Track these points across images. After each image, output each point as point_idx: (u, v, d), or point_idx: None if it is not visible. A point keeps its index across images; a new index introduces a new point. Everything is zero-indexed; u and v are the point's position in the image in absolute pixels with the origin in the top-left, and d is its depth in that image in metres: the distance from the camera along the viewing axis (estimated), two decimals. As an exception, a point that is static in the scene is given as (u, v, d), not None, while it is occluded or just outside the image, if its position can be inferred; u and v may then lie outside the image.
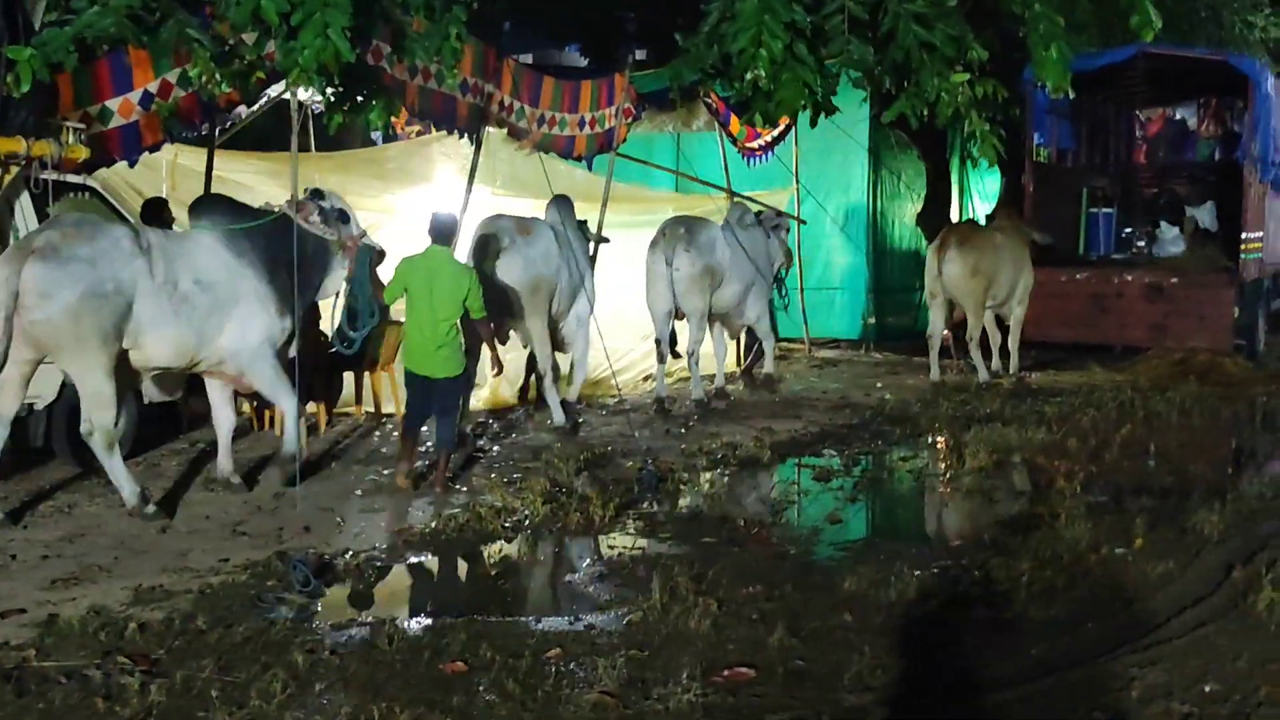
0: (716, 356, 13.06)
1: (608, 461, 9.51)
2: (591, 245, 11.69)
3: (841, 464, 9.67)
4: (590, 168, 13.06)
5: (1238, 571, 6.39)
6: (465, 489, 8.58)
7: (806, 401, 12.66)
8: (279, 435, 9.81)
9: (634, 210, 13.85)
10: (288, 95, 9.41)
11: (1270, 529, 7.49)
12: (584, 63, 24.67)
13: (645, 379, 13.70)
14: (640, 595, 6.10)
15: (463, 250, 9.92)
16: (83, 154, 8.68)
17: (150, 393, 8.81)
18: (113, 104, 9.31)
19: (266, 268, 8.27)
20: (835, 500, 8.52)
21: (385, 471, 9.01)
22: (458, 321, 8.47)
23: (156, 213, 10.34)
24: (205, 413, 10.34)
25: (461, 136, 11.17)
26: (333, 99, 8.32)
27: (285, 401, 8.47)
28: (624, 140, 12.96)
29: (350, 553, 6.93)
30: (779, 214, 13.87)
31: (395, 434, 9.94)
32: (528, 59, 27.14)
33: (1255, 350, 15.26)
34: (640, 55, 16.16)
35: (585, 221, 11.69)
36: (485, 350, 10.11)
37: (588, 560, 6.99)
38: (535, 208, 11.61)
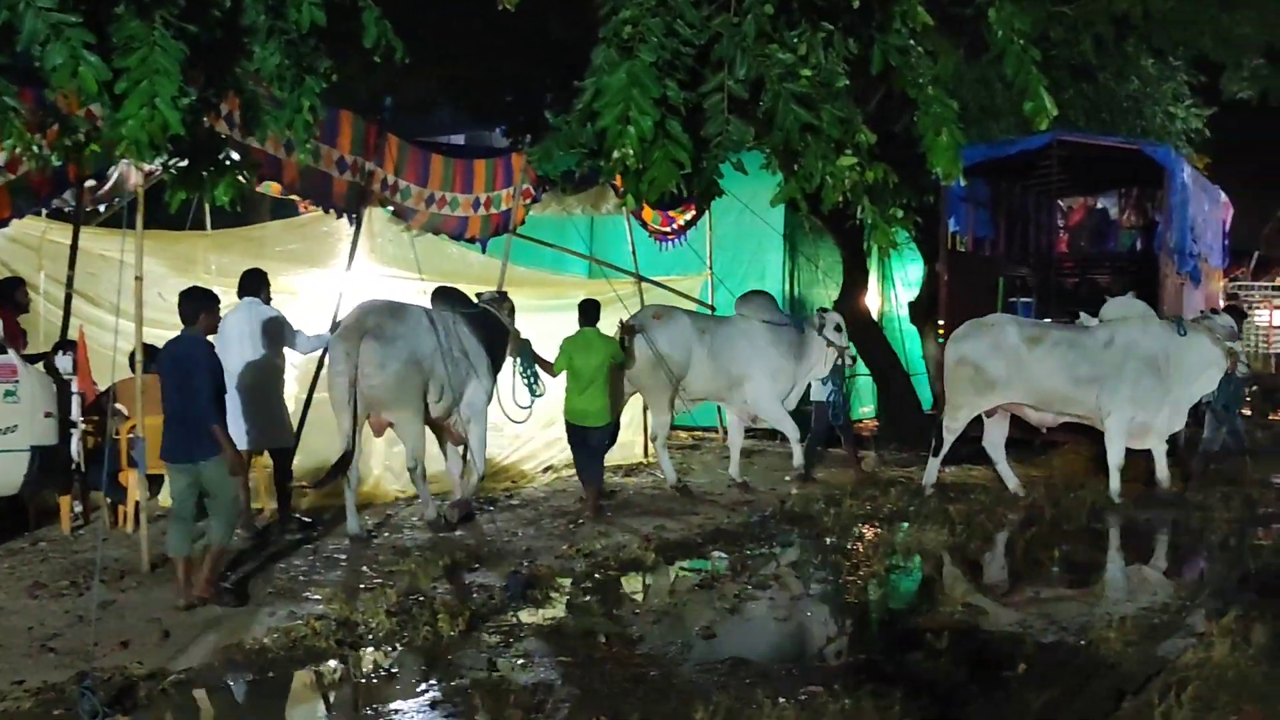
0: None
1: (481, 563, 8.89)
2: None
3: (728, 569, 9.08)
4: (484, 250, 12.54)
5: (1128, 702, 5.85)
6: (319, 597, 7.90)
7: (709, 497, 12.08)
8: (132, 532, 9.19)
9: (541, 294, 13.33)
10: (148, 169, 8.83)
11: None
12: (506, 143, 24.28)
13: (544, 470, 13.16)
14: (467, 730, 5.49)
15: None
16: (-94, 231, 8.09)
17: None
18: (-41, 178, 8.76)
19: None
20: (713, 611, 7.91)
21: (234, 578, 8.32)
22: (604, 381, 10.79)
23: (9, 293, 9.80)
24: (52, 509, 9.76)
25: (340, 216, 10.64)
26: (175, 173, 7.71)
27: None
28: (522, 222, 12.46)
29: (161, 673, 6.25)
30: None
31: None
32: (459, 139, 26.91)
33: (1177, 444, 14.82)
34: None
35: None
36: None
37: (421, 685, 6.33)
38: (425, 290, 11.09)
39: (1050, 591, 8.66)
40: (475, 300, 10.90)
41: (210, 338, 7.85)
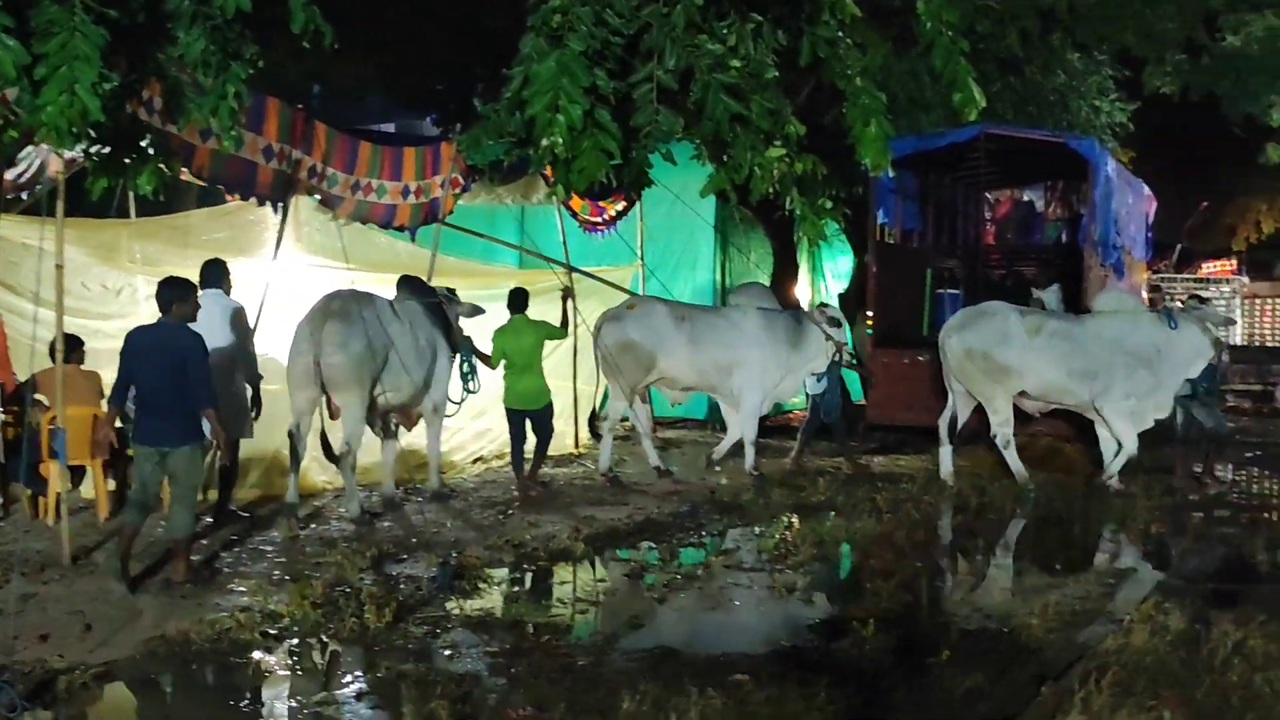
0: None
1: (408, 554, 8.84)
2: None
3: (658, 558, 9.12)
4: (414, 239, 12.44)
5: (1048, 688, 5.93)
6: (244, 588, 7.82)
7: (638, 487, 12.08)
8: (53, 524, 9.04)
9: (471, 285, 13.24)
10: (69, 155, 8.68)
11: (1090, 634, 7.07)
12: (436, 132, 24.13)
13: (474, 461, 13.12)
14: (392, 723, 5.46)
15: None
16: None
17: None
18: None
19: None
20: (641, 601, 7.93)
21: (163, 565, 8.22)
22: (539, 365, 11.36)
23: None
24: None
25: (262, 204, 10.51)
26: (96, 160, 7.59)
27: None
28: (450, 212, 12.37)
29: (83, 666, 6.16)
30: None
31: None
32: (389, 128, 26.71)
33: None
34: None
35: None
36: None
37: (347, 677, 6.30)
38: (352, 280, 11.02)
39: (975, 579, 8.80)
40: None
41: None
